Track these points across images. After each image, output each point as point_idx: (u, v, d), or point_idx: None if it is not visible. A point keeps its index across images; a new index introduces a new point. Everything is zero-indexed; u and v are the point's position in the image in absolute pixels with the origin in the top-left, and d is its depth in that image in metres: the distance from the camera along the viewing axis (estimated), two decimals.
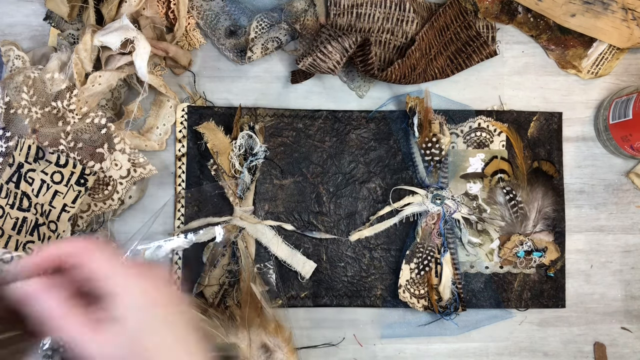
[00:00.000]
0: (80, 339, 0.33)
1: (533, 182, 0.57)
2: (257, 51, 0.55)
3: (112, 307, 0.33)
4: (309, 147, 0.57)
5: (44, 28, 0.56)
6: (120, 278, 0.34)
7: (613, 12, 0.57)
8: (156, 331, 0.34)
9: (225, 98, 0.57)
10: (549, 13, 0.57)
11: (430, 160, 0.56)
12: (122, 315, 0.33)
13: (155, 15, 0.54)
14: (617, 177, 0.59)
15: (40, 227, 0.52)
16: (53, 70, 0.51)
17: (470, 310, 0.56)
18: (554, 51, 0.59)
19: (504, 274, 0.57)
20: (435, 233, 0.56)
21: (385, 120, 0.57)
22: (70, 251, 0.34)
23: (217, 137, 0.54)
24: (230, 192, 0.54)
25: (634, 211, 0.59)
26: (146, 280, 0.35)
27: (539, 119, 0.58)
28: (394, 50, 0.57)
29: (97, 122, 0.52)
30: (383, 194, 0.57)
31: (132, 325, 0.33)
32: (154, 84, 0.53)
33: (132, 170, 0.53)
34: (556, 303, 0.57)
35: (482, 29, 0.58)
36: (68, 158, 0.51)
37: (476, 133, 0.57)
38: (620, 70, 0.60)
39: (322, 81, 0.58)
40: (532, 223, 0.57)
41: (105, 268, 0.34)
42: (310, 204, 0.56)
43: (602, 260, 0.58)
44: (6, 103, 0.51)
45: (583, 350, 0.58)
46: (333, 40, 0.51)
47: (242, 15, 0.57)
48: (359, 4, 0.56)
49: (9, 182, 0.51)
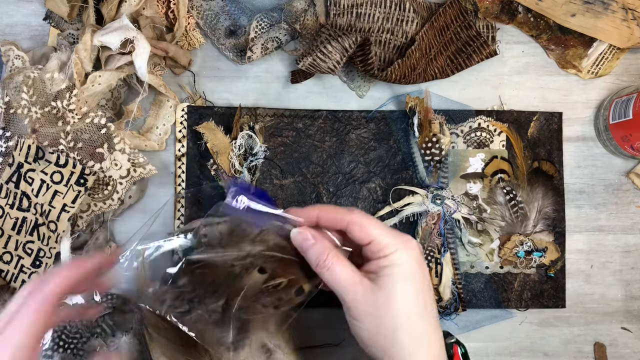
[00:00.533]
0: (347, 286, 0.36)
1: (533, 182, 0.57)
2: (257, 51, 0.55)
3: (383, 264, 0.36)
4: (309, 147, 0.57)
5: (44, 28, 0.56)
6: (392, 241, 0.36)
7: (613, 12, 0.57)
8: (416, 301, 0.36)
9: (225, 98, 0.57)
10: (549, 13, 0.57)
11: (430, 160, 0.56)
12: (390, 274, 0.35)
13: (155, 15, 0.54)
14: (617, 177, 0.59)
15: (40, 227, 0.52)
16: (53, 70, 0.51)
17: (470, 310, 0.56)
18: (554, 51, 0.59)
19: (504, 274, 0.57)
20: (435, 233, 0.55)
21: (385, 120, 0.57)
22: (343, 213, 0.37)
23: (217, 137, 0.54)
24: None
25: (634, 211, 0.59)
26: (417, 250, 0.37)
27: (539, 119, 0.58)
28: (394, 50, 0.57)
29: (97, 122, 0.52)
30: (383, 194, 0.57)
31: (397, 288, 0.35)
32: (154, 84, 0.53)
33: (132, 170, 0.53)
34: (556, 303, 0.57)
35: (482, 29, 0.58)
36: (68, 158, 0.51)
37: (476, 133, 0.57)
38: (621, 70, 0.60)
39: (322, 81, 0.58)
40: (532, 223, 0.57)
41: (375, 229, 0.37)
42: (310, 204, 0.56)
43: (602, 260, 0.58)
44: (6, 103, 0.51)
45: (583, 350, 0.58)
46: (333, 40, 0.51)
47: (242, 15, 0.57)
48: (359, 4, 0.56)
49: (9, 182, 0.51)
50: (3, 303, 0.51)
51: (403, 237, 0.37)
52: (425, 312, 0.36)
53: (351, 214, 0.37)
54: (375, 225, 0.37)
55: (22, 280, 0.53)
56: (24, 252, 0.52)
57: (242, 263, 0.37)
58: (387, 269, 0.36)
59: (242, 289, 0.37)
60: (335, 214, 0.38)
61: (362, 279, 0.36)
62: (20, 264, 0.52)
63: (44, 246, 0.52)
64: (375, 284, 0.36)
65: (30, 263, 0.52)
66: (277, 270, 0.37)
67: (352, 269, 0.36)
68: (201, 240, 0.37)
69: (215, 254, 0.37)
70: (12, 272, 0.53)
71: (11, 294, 0.52)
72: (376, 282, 0.36)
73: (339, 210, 0.38)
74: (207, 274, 0.37)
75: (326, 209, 0.38)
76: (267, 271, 0.37)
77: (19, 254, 0.52)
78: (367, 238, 0.37)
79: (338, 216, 0.38)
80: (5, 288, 0.52)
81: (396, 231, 0.38)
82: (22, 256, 0.52)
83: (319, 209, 0.38)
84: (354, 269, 0.36)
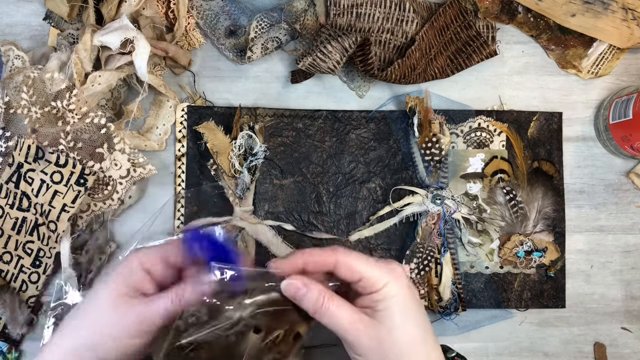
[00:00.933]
0: (347, 326, 0.36)
1: (533, 182, 0.57)
2: (257, 51, 0.55)
3: (377, 299, 0.37)
4: (309, 147, 0.57)
5: (44, 28, 0.56)
6: (381, 275, 0.37)
7: (613, 12, 0.57)
8: (415, 327, 0.37)
9: (225, 98, 0.57)
10: (549, 13, 0.57)
11: (430, 160, 0.56)
12: (387, 307, 0.36)
13: (155, 15, 0.54)
14: (617, 177, 0.59)
15: (39, 227, 0.52)
16: (53, 70, 0.51)
17: (470, 310, 0.56)
18: (554, 51, 0.59)
19: (504, 274, 0.57)
20: (435, 233, 0.55)
21: (385, 120, 0.57)
22: (327, 255, 0.38)
23: (217, 137, 0.54)
24: (230, 192, 0.54)
25: (634, 211, 0.59)
26: (404, 277, 0.38)
27: (539, 119, 0.58)
28: (394, 50, 0.57)
29: (96, 122, 0.52)
30: (383, 194, 0.57)
31: (396, 319, 0.36)
32: (154, 84, 0.53)
33: (132, 170, 0.53)
34: (556, 303, 0.57)
35: (482, 29, 0.58)
36: (68, 158, 0.51)
37: (476, 133, 0.57)
38: (620, 70, 0.60)
39: (322, 81, 0.58)
40: (532, 223, 0.57)
41: (363, 266, 0.37)
42: (310, 204, 0.56)
43: (602, 260, 0.58)
44: (6, 103, 0.51)
45: (583, 350, 0.58)
46: (333, 40, 0.51)
47: (242, 15, 0.57)
48: (359, 4, 0.56)
49: (9, 182, 0.51)
50: (3, 303, 0.51)
51: (388, 266, 0.38)
52: (425, 335, 0.38)
53: (335, 254, 0.38)
54: (361, 261, 0.38)
55: (22, 280, 0.53)
56: (24, 252, 0.52)
57: (236, 329, 0.36)
58: (382, 303, 0.37)
59: (242, 356, 0.36)
60: (321, 257, 0.38)
61: (360, 316, 0.37)
62: (20, 264, 0.52)
63: (43, 246, 0.52)
64: (375, 319, 0.37)
65: (30, 263, 0.52)
66: (271, 324, 0.37)
67: (350, 308, 0.37)
68: (188, 321, 0.37)
69: (207, 330, 0.36)
70: (12, 272, 0.53)
71: (11, 293, 0.52)
72: (374, 317, 0.37)
73: (323, 253, 0.38)
74: (202, 353, 0.36)
75: (309, 254, 0.38)
76: (262, 329, 0.36)
77: (19, 253, 0.52)
78: (356, 276, 0.37)
79: (323, 259, 0.38)
80: (5, 288, 0.52)
81: (380, 261, 0.38)
82: (22, 256, 0.52)
83: (302, 256, 0.38)
84: (352, 307, 0.37)
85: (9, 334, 0.53)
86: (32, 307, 0.53)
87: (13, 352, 0.53)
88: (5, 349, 0.53)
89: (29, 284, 0.53)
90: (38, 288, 0.53)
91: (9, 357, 0.53)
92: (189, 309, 0.37)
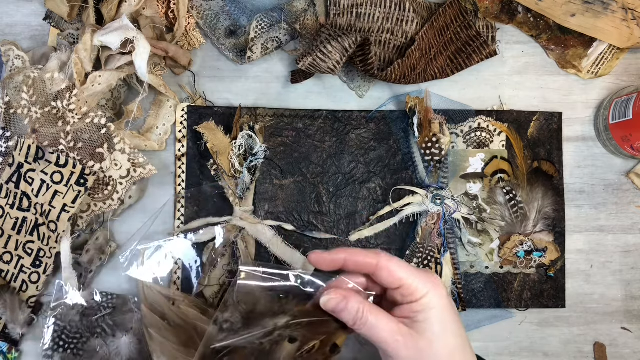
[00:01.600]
0: (387, 337, 0.36)
1: (533, 182, 0.57)
2: (257, 51, 0.55)
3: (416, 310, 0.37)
4: (309, 147, 0.57)
5: (44, 28, 0.56)
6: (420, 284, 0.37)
7: (613, 12, 0.57)
8: (454, 337, 0.37)
9: (225, 98, 0.57)
10: (549, 13, 0.57)
11: (430, 160, 0.56)
12: (427, 319, 0.36)
13: (155, 15, 0.54)
14: (617, 177, 0.59)
15: (40, 227, 0.52)
16: (53, 70, 0.51)
17: (470, 310, 0.56)
18: (554, 51, 0.59)
19: (504, 274, 0.57)
20: (435, 233, 0.55)
21: (385, 120, 0.57)
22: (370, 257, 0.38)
23: (217, 137, 0.54)
24: (230, 192, 0.54)
25: (634, 211, 0.59)
26: (442, 287, 0.38)
27: (539, 119, 0.58)
28: (394, 50, 0.57)
29: (97, 122, 0.52)
30: (383, 194, 0.57)
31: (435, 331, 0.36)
32: (154, 84, 0.53)
33: (132, 170, 0.53)
34: (556, 303, 0.57)
35: (482, 29, 0.58)
36: (68, 158, 0.51)
37: (476, 133, 0.57)
38: (620, 70, 0.60)
39: (322, 81, 0.58)
40: (532, 223, 0.57)
41: (404, 273, 0.37)
42: (310, 204, 0.56)
43: (602, 260, 0.58)
44: (6, 103, 0.51)
45: (583, 350, 0.58)
46: (333, 40, 0.51)
47: (242, 15, 0.57)
48: (359, 4, 0.56)
49: (9, 182, 0.51)
50: (3, 303, 0.51)
51: (429, 277, 0.38)
52: (464, 345, 0.38)
53: (378, 257, 0.38)
54: (403, 268, 0.37)
55: (22, 280, 0.53)
56: (24, 252, 0.52)
57: (270, 338, 0.36)
58: (422, 314, 0.37)
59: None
60: (363, 259, 0.38)
61: (400, 327, 0.36)
62: (21, 264, 0.52)
63: (44, 246, 0.52)
64: (414, 330, 0.37)
65: (30, 263, 0.52)
66: (307, 334, 0.37)
67: (389, 319, 0.37)
68: (223, 326, 0.37)
69: (241, 336, 0.36)
70: (12, 272, 0.53)
71: (11, 293, 0.52)
72: (414, 327, 0.37)
73: (366, 255, 0.38)
74: (236, 358, 0.36)
75: (352, 253, 0.38)
76: (297, 339, 0.36)
77: (19, 254, 0.52)
78: (396, 283, 0.37)
79: (366, 261, 0.38)
80: (5, 288, 0.52)
81: (421, 271, 0.38)
82: (22, 256, 0.52)
83: (346, 254, 0.38)
84: (390, 318, 0.37)
85: (9, 334, 0.53)
86: (32, 307, 0.53)
87: (13, 352, 0.53)
88: (5, 349, 0.53)
89: (29, 284, 0.53)
90: (38, 288, 0.53)
91: (9, 357, 0.53)
92: (223, 315, 0.37)
